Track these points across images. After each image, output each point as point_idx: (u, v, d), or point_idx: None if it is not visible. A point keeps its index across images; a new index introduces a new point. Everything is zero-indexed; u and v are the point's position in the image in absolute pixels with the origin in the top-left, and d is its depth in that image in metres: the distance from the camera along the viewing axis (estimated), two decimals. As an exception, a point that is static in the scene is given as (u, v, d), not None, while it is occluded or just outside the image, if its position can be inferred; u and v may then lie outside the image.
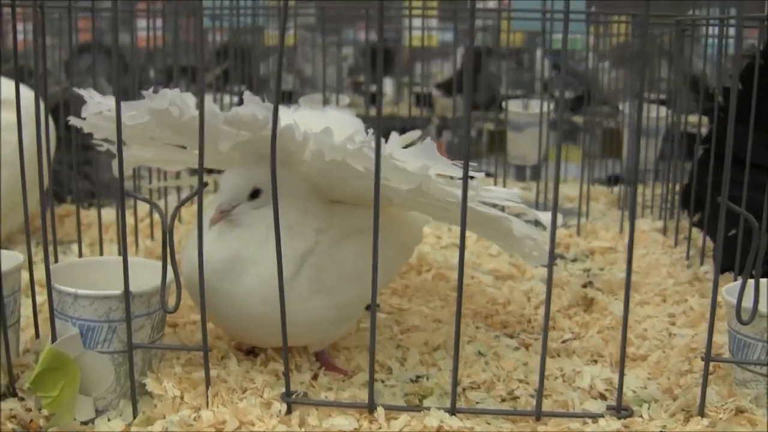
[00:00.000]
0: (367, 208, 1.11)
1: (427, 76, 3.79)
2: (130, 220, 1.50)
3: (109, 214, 1.66)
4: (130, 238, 1.52)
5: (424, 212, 1.20)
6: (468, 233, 1.71)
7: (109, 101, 1.06)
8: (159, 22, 1.77)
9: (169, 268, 0.96)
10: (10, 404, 1.00)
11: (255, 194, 1.05)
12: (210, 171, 1.46)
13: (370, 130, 1.00)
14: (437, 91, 3.86)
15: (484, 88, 2.50)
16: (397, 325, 1.28)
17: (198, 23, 1.34)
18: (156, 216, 1.69)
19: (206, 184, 0.96)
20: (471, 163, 0.92)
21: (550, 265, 0.95)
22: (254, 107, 0.95)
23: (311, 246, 1.05)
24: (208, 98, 0.97)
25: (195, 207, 1.82)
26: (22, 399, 1.01)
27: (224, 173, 1.07)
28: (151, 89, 0.99)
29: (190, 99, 0.98)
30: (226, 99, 2.18)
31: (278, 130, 0.92)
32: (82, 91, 1.09)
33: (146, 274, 1.01)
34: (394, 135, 1.11)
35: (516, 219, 1.11)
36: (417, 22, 2.60)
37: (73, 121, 1.13)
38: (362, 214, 1.10)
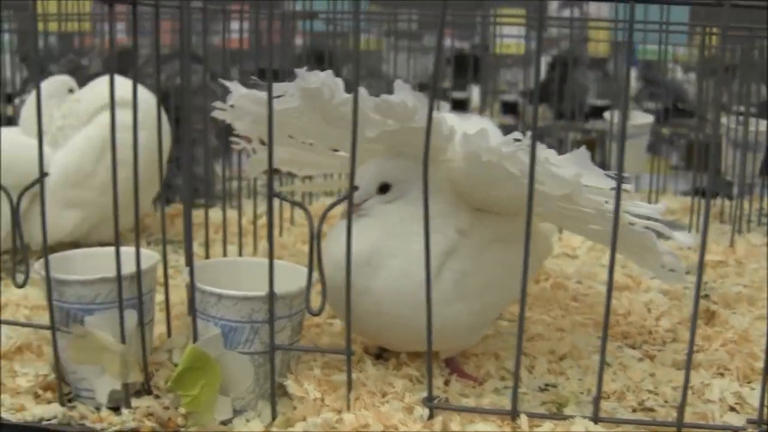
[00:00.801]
0: (507, 216, 1.11)
1: (513, 84, 3.78)
2: (235, 219, 1.49)
3: (214, 214, 1.67)
4: (240, 239, 1.51)
5: (561, 223, 1.19)
6: (581, 241, 1.72)
7: (253, 90, 1.06)
8: (246, 25, 1.78)
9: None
10: (146, 402, 1.00)
11: (384, 189, 1.04)
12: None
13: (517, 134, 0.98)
14: (523, 99, 3.84)
15: (569, 97, 2.46)
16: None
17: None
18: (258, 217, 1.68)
19: (356, 188, 0.95)
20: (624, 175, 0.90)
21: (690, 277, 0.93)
22: (406, 95, 0.94)
23: (453, 245, 1.03)
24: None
25: (312, 210, 1.85)
26: (157, 397, 1.01)
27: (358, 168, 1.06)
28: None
29: (340, 82, 0.97)
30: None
31: (418, 126, 0.91)
32: (226, 83, 1.09)
33: (282, 276, 1.00)
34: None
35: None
36: (505, 30, 2.60)
37: (216, 111, 1.13)
38: (504, 222, 1.09)
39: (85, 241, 1.59)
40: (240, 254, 1.48)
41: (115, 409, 1.00)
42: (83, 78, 1.75)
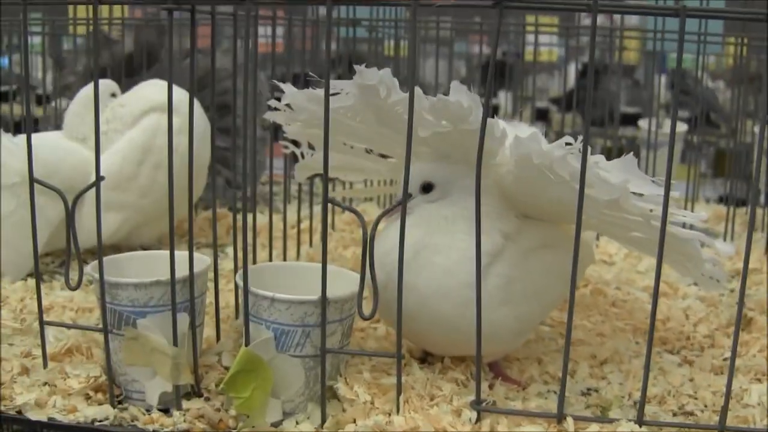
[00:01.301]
0: (552, 223, 1.12)
1: (542, 91, 3.78)
2: (279, 224, 1.50)
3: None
4: (281, 242, 1.53)
5: (603, 230, 1.19)
6: (618, 248, 1.72)
7: (304, 91, 1.07)
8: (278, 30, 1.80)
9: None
10: (196, 404, 1.02)
11: (427, 188, 1.05)
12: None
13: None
14: (553, 105, 3.85)
15: (600, 104, 2.47)
16: (562, 338, 1.27)
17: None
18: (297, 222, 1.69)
19: (411, 196, 0.96)
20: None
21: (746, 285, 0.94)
22: (461, 96, 0.95)
23: (498, 248, 1.04)
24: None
25: (352, 216, 1.86)
26: (207, 399, 1.03)
27: None
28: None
29: (396, 82, 0.98)
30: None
31: (471, 128, 0.92)
32: (281, 84, 1.10)
33: (332, 280, 1.01)
34: None
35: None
36: (534, 38, 2.59)
37: (271, 111, 1.14)
38: (549, 228, 1.11)
39: (125, 244, 1.60)
40: (284, 258, 1.49)
41: (166, 411, 1.02)
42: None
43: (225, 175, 1.99)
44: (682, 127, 2.28)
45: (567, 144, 0.95)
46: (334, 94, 1.02)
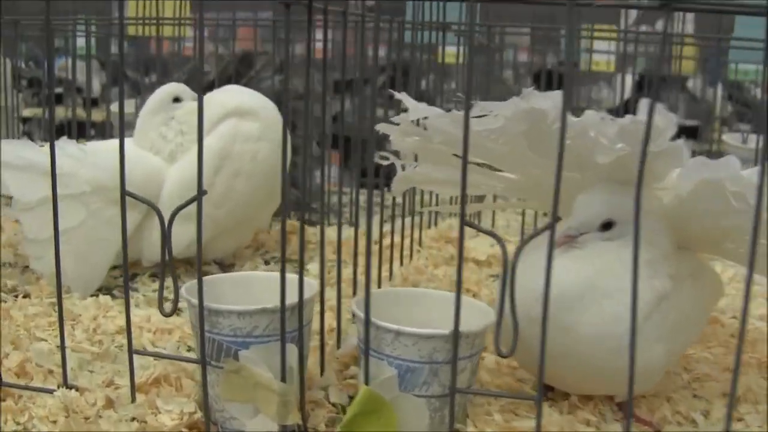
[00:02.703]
0: (692, 251, 1.02)
1: (597, 101, 3.66)
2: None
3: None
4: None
5: (726, 255, 1.08)
6: (721, 271, 1.61)
7: (432, 109, 0.97)
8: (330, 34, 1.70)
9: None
10: (304, 444, 0.91)
11: (607, 226, 0.95)
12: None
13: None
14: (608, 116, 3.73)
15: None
16: (686, 372, 1.16)
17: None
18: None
19: (559, 219, 0.85)
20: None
21: None
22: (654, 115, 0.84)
23: (666, 292, 0.94)
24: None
25: (438, 232, 1.75)
26: (315, 438, 0.93)
27: (579, 196, 0.97)
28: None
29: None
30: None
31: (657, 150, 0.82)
32: (402, 96, 1.00)
33: (448, 308, 0.91)
34: None
35: None
36: (601, 46, 2.51)
37: (383, 126, 1.04)
38: (692, 257, 1.01)
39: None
40: (379, 280, 1.36)
41: (267, 452, 0.91)
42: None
43: (294, 193, 1.89)
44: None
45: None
46: (481, 116, 0.93)
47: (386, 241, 1.47)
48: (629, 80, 3.22)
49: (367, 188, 0.89)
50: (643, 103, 0.83)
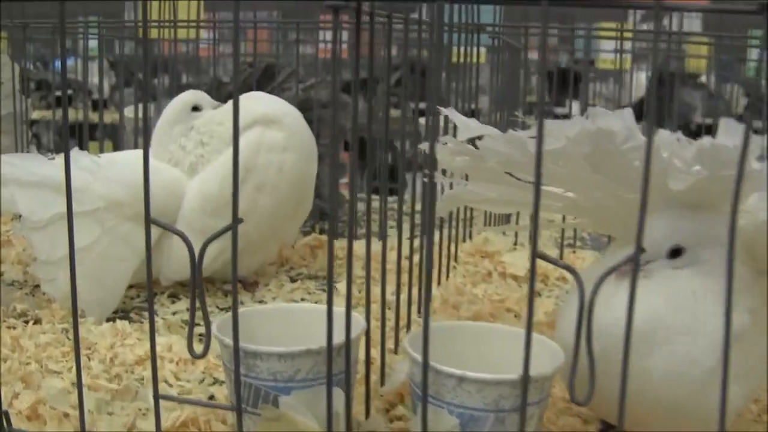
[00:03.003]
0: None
1: (609, 100, 3.56)
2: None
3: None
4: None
5: None
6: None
7: (485, 127, 0.88)
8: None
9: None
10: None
11: (676, 253, 0.85)
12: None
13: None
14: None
15: (674, 115, 2.28)
16: (755, 403, 1.06)
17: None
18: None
19: (644, 251, 0.75)
20: None
21: None
22: (733, 137, 0.74)
23: (745, 328, 0.83)
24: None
25: (474, 246, 1.64)
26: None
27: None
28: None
29: (636, 126, 0.78)
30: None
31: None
32: (447, 111, 0.91)
33: (514, 345, 0.82)
34: None
35: None
36: (609, 45, 2.45)
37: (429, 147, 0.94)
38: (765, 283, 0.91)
39: (219, 277, 1.41)
40: (420, 306, 1.24)
41: None
42: (223, 95, 1.57)
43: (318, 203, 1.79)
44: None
45: None
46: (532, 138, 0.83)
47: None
48: (642, 78, 3.14)
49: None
50: (724, 124, 0.74)
